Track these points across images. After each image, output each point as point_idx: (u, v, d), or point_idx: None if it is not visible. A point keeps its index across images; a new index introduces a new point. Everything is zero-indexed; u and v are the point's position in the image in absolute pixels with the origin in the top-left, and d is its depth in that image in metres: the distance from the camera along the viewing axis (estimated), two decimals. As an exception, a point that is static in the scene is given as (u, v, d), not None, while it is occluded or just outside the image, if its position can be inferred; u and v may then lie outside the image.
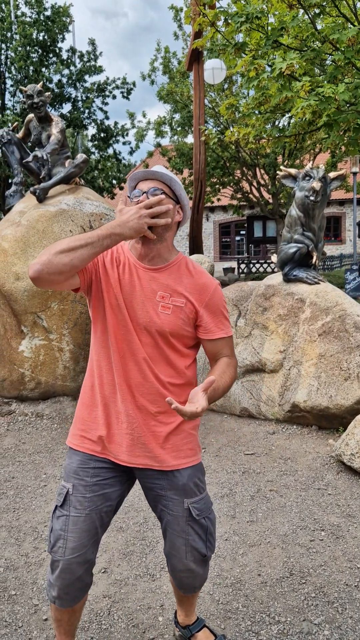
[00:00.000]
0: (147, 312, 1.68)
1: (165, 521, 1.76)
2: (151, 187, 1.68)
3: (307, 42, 5.37)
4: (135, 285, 1.69)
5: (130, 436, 1.70)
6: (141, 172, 1.70)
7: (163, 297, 1.68)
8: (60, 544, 1.66)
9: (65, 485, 1.71)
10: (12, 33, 13.86)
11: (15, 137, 5.46)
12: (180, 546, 1.75)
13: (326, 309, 4.29)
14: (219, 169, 14.05)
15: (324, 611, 2.23)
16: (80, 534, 1.66)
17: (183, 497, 1.73)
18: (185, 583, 1.83)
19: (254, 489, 3.36)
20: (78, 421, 1.77)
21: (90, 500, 1.68)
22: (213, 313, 1.74)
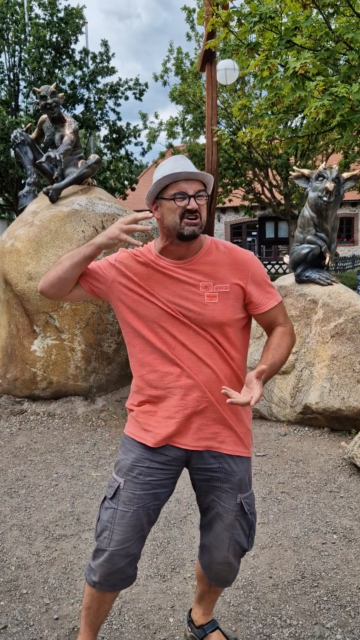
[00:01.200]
0: (195, 306, 1.67)
1: (215, 512, 1.78)
2: (197, 190, 1.64)
3: (321, 42, 5.34)
4: (174, 284, 1.69)
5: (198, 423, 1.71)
6: (185, 172, 1.62)
7: (207, 286, 1.68)
8: (105, 535, 1.70)
9: (117, 479, 1.73)
10: (26, 35, 13.95)
11: (28, 137, 5.49)
12: (225, 539, 1.78)
13: (339, 311, 4.26)
14: (231, 169, 14.03)
15: (336, 615, 2.21)
16: (126, 528, 1.69)
17: (237, 492, 1.77)
18: (221, 576, 1.85)
19: (266, 490, 3.34)
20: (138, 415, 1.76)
21: (140, 498, 1.70)
22: (259, 285, 1.74)
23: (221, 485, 1.75)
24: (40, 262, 4.72)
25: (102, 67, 15.59)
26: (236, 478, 1.75)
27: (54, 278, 1.69)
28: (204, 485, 1.78)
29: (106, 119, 15.80)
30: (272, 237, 24.43)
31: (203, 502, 1.81)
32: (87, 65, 15.42)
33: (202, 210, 1.65)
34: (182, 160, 1.67)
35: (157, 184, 1.64)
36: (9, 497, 3.35)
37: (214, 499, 1.77)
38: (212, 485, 1.76)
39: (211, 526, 1.80)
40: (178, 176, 1.62)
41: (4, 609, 2.30)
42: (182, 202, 1.62)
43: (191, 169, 1.65)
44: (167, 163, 1.68)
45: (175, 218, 1.63)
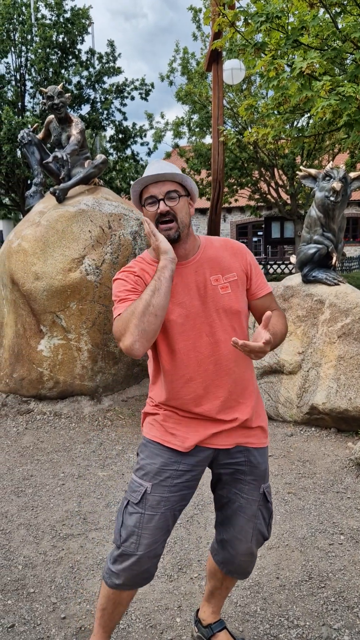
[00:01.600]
0: (212, 299, 1.69)
1: (237, 505, 1.80)
2: (166, 191, 1.63)
3: (328, 41, 5.32)
4: (188, 284, 1.69)
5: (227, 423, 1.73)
6: (150, 176, 1.62)
7: (217, 279, 1.71)
8: (133, 540, 1.69)
9: (142, 483, 1.71)
10: (32, 35, 13.99)
11: (35, 138, 5.50)
12: (249, 530, 1.81)
13: (346, 311, 4.25)
14: (237, 169, 13.99)
15: (344, 616, 2.20)
16: (154, 531, 1.69)
17: (261, 483, 1.81)
18: (243, 567, 1.88)
19: (272, 491, 3.33)
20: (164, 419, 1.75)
21: (168, 500, 1.70)
22: (256, 270, 1.80)
23: (245, 477, 1.78)
24: (47, 262, 4.73)
25: (108, 68, 15.60)
26: (261, 469, 1.80)
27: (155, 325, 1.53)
28: (227, 478, 1.79)
29: (112, 119, 15.81)
30: (278, 237, 24.38)
31: (224, 496, 1.82)
32: (94, 65, 15.44)
33: (178, 210, 1.64)
34: (156, 164, 1.67)
35: (131, 192, 1.68)
36: (15, 496, 3.36)
37: (237, 492, 1.79)
38: (236, 478, 1.78)
39: (233, 520, 1.81)
40: (145, 181, 1.63)
41: (11, 608, 2.31)
42: (153, 207, 1.63)
43: (159, 171, 1.63)
44: (146, 168, 1.70)
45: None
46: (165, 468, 1.71)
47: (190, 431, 1.72)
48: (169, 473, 1.71)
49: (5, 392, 5.04)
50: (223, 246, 1.78)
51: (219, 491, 1.84)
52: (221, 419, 1.72)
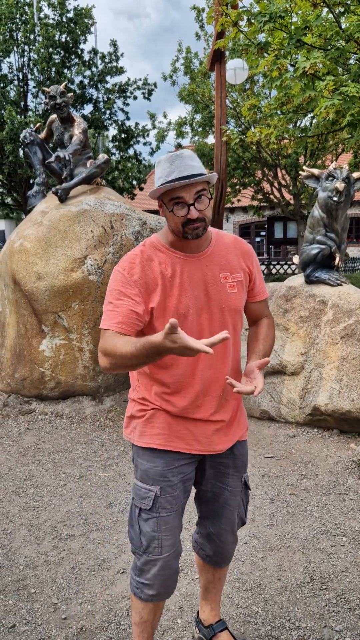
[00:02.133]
0: (220, 297, 1.68)
1: (223, 498, 1.83)
2: (196, 192, 1.55)
3: (331, 41, 5.30)
4: (197, 278, 1.66)
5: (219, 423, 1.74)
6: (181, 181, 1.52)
7: (226, 277, 1.70)
8: (155, 544, 1.69)
9: (150, 488, 1.69)
10: (35, 35, 13.99)
11: (37, 137, 5.50)
12: (234, 519, 1.86)
13: (349, 311, 4.24)
14: (240, 169, 13.99)
15: (346, 618, 2.19)
16: (173, 530, 1.71)
17: (242, 473, 1.86)
18: (230, 554, 1.93)
19: (274, 492, 3.32)
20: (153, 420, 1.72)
21: (177, 497, 1.72)
22: (259, 275, 1.82)
23: (229, 470, 1.82)
24: (49, 262, 4.73)
25: (110, 67, 15.60)
26: (242, 460, 1.85)
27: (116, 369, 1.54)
28: (212, 473, 1.81)
29: (115, 119, 15.81)
30: (280, 237, 24.36)
31: (208, 491, 1.84)
32: (96, 65, 15.45)
33: (206, 212, 1.60)
34: (178, 161, 1.57)
35: (154, 192, 1.58)
36: (17, 496, 3.36)
37: (222, 486, 1.82)
38: (220, 472, 1.81)
39: (219, 513, 1.84)
40: (171, 186, 1.54)
41: (12, 608, 2.30)
42: (181, 211, 1.57)
43: (187, 171, 1.55)
44: (163, 163, 1.59)
45: (177, 225, 1.60)
46: (168, 469, 1.71)
47: (190, 435, 1.72)
48: (173, 472, 1.71)
49: (7, 392, 5.04)
50: (233, 244, 1.76)
51: (203, 486, 1.85)
52: (216, 419, 1.73)
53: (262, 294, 1.84)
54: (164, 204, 1.60)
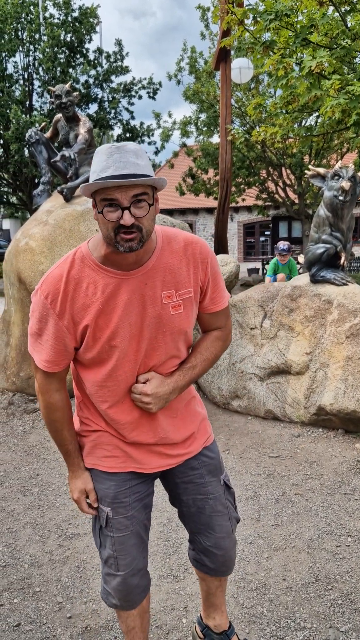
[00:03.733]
0: (160, 320, 1.49)
1: (209, 508, 1.70)
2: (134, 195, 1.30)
3: (337, 40, 5.29)
4: (133, 300, 1.45)
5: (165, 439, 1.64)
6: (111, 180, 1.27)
7: (169, 295, 1.48)
8: (111, 562, 1.64)
9: (103, 509, 1.63)
10: (40, 34, 14.02)
11: (43, 137, 5.50)
12: (227, 523, 1.74)
13: (354, 311, 4.22)
14: (245, 168, 13.96)
15: (351, 618, 2.18)
16: (128, 550, 1.63)
17: (219, 475, 1.75)
18: (232, 559, 1.78)
19: (279, 492, 3.32)
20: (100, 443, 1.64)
21: (132, 517, 1.63)
22: (215, 281, 1.58)
23: (203, 479, 1.70)
24: (54, 261, 4.73)
25: (115, 67, 15.63)
26: (216, 462, 1.74)
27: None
28: (188, 487, 1.70)
29: (120, 118, 15.84)
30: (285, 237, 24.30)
31: (191, 505, 1.71)
32: (101, 64, 15.47)
33: (144, 221, 1.33)
34: (117, 154, 1.30)
35: (84, 189, 1.33)
36: (22, 495, 3.37)
37: (203, 497, 1.70)
38: (197, 484, 1.70)
39: (211, 524, 1.71)
40: (103, 184, 1.28)
41: (17, 607, 2.31)
42: (113, 214, 1.31)
43: (127, 168, 1.28)
44: (100, 154, 1.33)
45: (109, 231, 1.34)
46: (120, 490, 1.61)
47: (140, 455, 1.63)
48: (126, 493, 1.62)
49: (12, 391, 5.05)
50: (182, 251, 1.50)
51: (184, 503, 1.73)
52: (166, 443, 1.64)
53: (219, 302, 1.61)
54: (96, 204, 1.35)
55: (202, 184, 15.32)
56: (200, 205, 24.40)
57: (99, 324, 1.44)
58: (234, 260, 5.79)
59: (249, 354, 4.82)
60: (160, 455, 1.65)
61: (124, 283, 1.43)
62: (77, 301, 1.43)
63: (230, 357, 4.95)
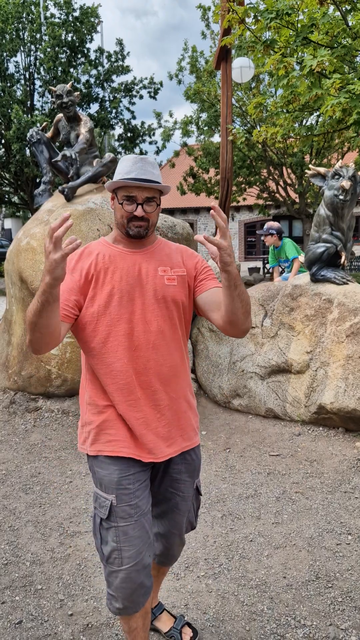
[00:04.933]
0: (155, 287, 1.71)
1: (173, 503, 1.84)
2: (147, 197, 1.68)
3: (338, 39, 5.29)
4: (133, 270, 1.71)
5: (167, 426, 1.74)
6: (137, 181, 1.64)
7: (165, 270, 1.75)
8: (115, 555, 1.65)
9: (106, 497, 1.67)
10: (42, 34, 14.03)
11: (44, 136, 5.51)
12: (182, 523, 1.89)
13: (354, 310, 4.23)
14: (245, 168, 13.96)
15: (351, 616, 2.19)
16: (132, 541, 1.65)
17: (194, 478, 1.87)
18: (175, 556, 1.98)
19: (280, 490, 3.32)
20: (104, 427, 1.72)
21: (136, 507, 1.67)
22: (206, 271, 1.82)
23: (181, 477, 1.82)
24: (56, 260, 4.74)
25: (116, 66, 15.63)
26: (195, 466, 1.86)
27: (41, 338, 1.55)
28: (166, 478, 1.82)
29: (121, 118, 15.84)
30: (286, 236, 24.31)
31: (160, 493, 1.84)
32: (102, 64, 15.48)
33: (152, 215, 1.72)
34: (140, 163, 1.68)
35: (110, 184, 1.69)
36: (24, 493, 3.38)
37: (173, 491, 1.83)
38: (173, 478, 1.82)
39: (169, 515, 1.86)
40: (127, 183, 1.66)
41: (19, 604, 2.32)
42: (130, 207, 1.68)
43: (146, 175, 1.67)
44: (126, 161, 1.70)
45: (123, 219, 1.71)
46: (124, 475, 1.67)
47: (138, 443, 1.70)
48: (129, 479, 1.68)
49: (14, 390, 5.07)
50: (178, 249, 1.84)
51: (155, 489, 1.84)
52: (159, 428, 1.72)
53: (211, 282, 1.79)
54: (117, 197, 1.71)
55: (203, 183, 15.32)
56: (201, 204, 24.40)
57: (99, 282, 1.69)
58: (235, 259, 5.78)
59: (249, 353, 4.83)
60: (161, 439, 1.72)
61: (127, 256, 1.74)
62: (87, 261, 1.72)
63: (231, 356, 4.96)
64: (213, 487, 3.39)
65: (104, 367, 1.70)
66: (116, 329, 1.68)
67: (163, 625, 2.09)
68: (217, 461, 3.81)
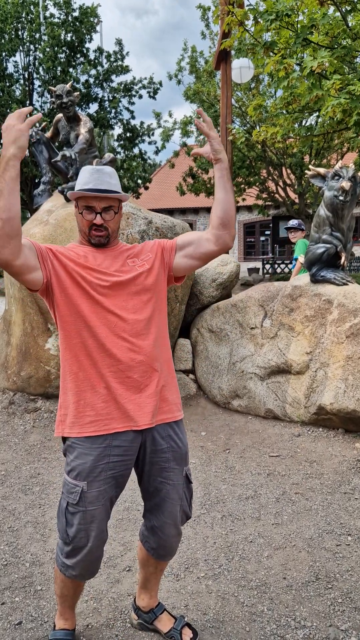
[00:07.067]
0: (130, 274, 1.84)
1: (164, 492, 1.89)
2: (105, 206, 1.81)
3: (338, 40, 5.30)
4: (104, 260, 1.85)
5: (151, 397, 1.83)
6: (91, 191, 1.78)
7: (134, 261, 1.89)
8: (82, 535, 1.79)
9: (77, 484, 1.77)
10: (41, 34, 14.03)
11: (44, 136, 5.51)
12: (176, 513, 1.93)
13: (354, 311, 4.23)
14: (245, 168, 13.97)
15: (351, 617, 2.19)
16: (99, 523, 1.80)
17: (183, 466, 1.93)
18: (173, 549, 1.99)
19: (279, 491, 3.33)
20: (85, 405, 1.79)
21: (105, 492, 1.79)
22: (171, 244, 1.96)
23: (169, 465, 1.88)
24: (55, 261, 4.74)
25: (116, 66, 15.63)
26: (182, 452, 1.92)
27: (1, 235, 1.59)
28: (152, 469, 1.88)
29: (120, 118, 15.84)
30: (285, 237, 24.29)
31: (150, 485, 1.90)
32: (102, 64, 15.48)
33: (110, 224, 1.85)
34: (97, 174, 1.81)
35: (71, 195, 1.82)
36: (23, 494, 3.38)
37: (163, 481, 1.89)
38: (161, 467, 1.88)
39: (162, 507, 1.91)
40: (84, 194, 1.79)
41: (19, 605, 2.32)
42: (89, 216, 1.82)
43: (102, 185, 1.79)
44: (84, 172, 1.84)
45: (84, 228, 1.86)
46: (97, 464, 1.77)
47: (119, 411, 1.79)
48: (101, 467, 1.77)
49: (13, 390, 5.06)
50: (141, 245, 1.97)
51: (145, 482, 1.91)
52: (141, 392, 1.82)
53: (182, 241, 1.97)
54: (78, 207, 1.85)
55: (203, 183, 15.32)
56: (200, 204, 24.39)
57: (76, 271, 1.79)
58: (234, 260, 5.79)
59: (249, 354, 4.83)
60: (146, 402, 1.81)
61: (99, 252, 1.88)
62: (64, 252, 1.83)
63: (231, 357, 4.96)
64: (213, 488, 3.39)
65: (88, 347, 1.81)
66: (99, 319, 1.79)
67: (163, 625, 2.09)
68: (217, 462, 3.81)
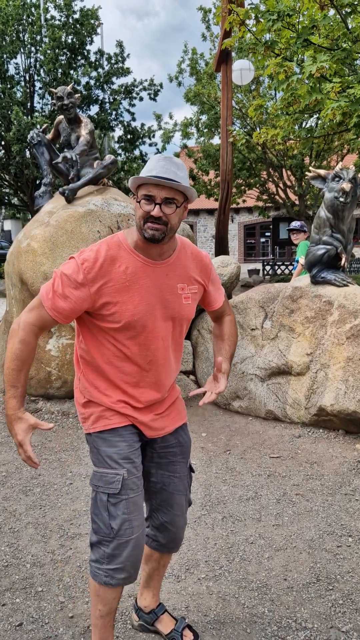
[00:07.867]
0: (174, 306, 1.79)
1: (172, 486, 1.91)
2: (166, 197, 1.61)
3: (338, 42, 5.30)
4: (156, 286, 1.74)
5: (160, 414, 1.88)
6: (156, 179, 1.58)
7: (183, 288, 1.79)
8: (126, 526, 1.72)
9: (117, 472, 1.73)
10: (42, 36, 14.05)
11: (44, 138, 5.52)
12: (183, 503, 1.95)
13: (355, 312, 4.23)
14: (245, 170, 13.98)
15: (352, 619, 2.19)
16: (140, 510, 1.78)
17: (187, 459, 1.97)
18: (181, 538, 2.00)
19: (280, 492, 3.32)
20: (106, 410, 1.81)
21: (140, 478, 1.80)
22: (215, 285, 1.95)
23: (175, 458, 1.92)
24: (56, 262, 4.75)
25: (117, 68, 15.65)
26: (187, 447, 1.97)
27: None
28: (161, 463, 1.90)
29: (121, 120, 15.86)
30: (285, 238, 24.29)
31: (157, 482, 1.91)
32: (102, 66, 15.50)
33: (171, 218, 1.63)
34: (163, 162, 1.63)
35: (132, 181, 1.64)
36: (24, 495, 3.38)
37: (170, 474, 1.91)
38: (169, 461, 1.91)
39: (170, 501, 1.92)
40: (147, 180, 1.60)
41: (19, 607, 2.32)
42: (147, 206, 1.61)
43: (167, 174, 1.59)
44: (151, 160, 1.67)
45: (140, 218, 1.65)
46: (131, 450, 1.79)
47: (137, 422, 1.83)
48: (135, 454, 1.80)
49: (14, 391, 5.06)
50: (194, 255, 1.85)
51: (152, 479, 1.92)
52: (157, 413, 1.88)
53: (219, 301, 1.97)
54: (137, 195, 1.66)
55: (203, 185, 15.33)
56: (201, 206, 24.41)
57: (123, 300, 1.68)
58: (235, 261, 5.80)
59: (249, 355, 4.83)
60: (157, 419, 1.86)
61: (150, 270, 1.72)
62: (108, 276, 1.67)
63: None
64: (213, 489, 3.39)
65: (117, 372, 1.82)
66: (137, 340, 1.76)
67: (164, 627, 2.09)
68: (218, 463, 3.81)
